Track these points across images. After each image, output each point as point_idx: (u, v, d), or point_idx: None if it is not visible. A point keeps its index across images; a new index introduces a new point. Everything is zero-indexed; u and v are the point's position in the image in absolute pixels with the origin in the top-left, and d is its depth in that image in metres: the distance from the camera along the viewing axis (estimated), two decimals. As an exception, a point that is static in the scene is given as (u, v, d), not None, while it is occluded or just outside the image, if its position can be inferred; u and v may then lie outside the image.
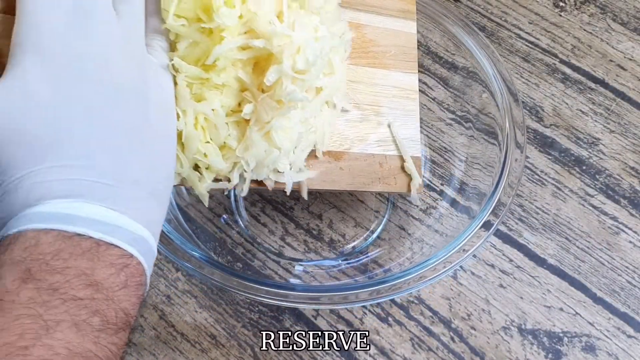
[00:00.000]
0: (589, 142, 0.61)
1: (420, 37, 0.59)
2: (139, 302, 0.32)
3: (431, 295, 0.54)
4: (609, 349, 0.51)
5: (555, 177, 0.60)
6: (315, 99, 0.45)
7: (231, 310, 0.53)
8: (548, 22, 0.69)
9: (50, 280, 0.29)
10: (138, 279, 0.32)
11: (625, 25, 0.69)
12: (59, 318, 0.28)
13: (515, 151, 0.50)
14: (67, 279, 0.29)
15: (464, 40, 0.55)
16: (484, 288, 0.54)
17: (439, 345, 0.52)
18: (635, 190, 0.59)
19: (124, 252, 0.31)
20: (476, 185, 0.54)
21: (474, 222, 0.47)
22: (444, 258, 0.46)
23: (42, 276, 0.29)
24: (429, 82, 0.61)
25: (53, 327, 0.28)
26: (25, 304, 0.28)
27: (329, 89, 0.45)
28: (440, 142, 0.59)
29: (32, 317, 0.28)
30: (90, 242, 0.30)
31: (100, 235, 0.31)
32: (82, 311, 0.29)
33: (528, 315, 0.53)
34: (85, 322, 0.29)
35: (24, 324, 0.28)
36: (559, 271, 0.55)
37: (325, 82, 0.45)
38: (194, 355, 0.51)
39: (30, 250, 0.29)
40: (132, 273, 0.32)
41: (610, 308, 0.53)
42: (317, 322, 0.53)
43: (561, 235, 0.57)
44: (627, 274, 0.55)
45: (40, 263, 0.29)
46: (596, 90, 0.64)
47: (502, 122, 0.52)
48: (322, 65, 0.42)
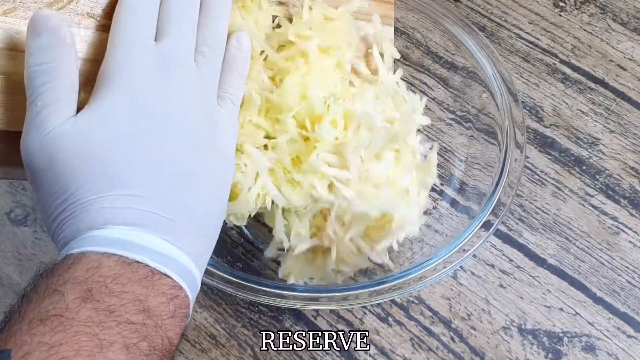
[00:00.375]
0: (589, 142, 0.61)
1: (420, 37, 0.59)
2: (181, 332, 0.34)
3: (431, 295, 0.54)
4: (609, 349, 0.51)
5: (555, 177, 0.60)
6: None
7: (231, 310, 0.53)
8: (548, 22, 0.69)
9: (108, 302, 0.31)
10: (184, 310, 0.34)
11: (625, 25, 0.69)
12: (112, 339, 0.30)
13: (515, 151, 0.50)
14: (123, 302, 0.31)
15: (464, 40, 0.55)
16: (484, 288, 0.54)
17: (439, 345, 0.52)
18: (635, 190, 0.59)
19: (174, 283, 0.34)
20: (476, 185, 0.54)
21: (474, 222, 0.47)
22: (444, 258, 0.46)
23: (101, 297, 0.31)
24: (429, 82, 0.61)
25: (107, 347, 0.30)
26: (84, 322, 0.30)
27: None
28: (440, 142, 0.59)
29: (88, 335, 0.30)
30: (146, 270, 0.33)
31: (155, 264, 0.33)
32: (133, 335, 0.31)
33: (528, 315, 0.53)
34: (135, 346, 0.31)
35: (81, 340, 0.29)
36: (559, 271, 0.55)
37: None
38: (194, 355, 0.51)
39: (92, 272, 0.31)
40: (180, 304, 0.34)
41: (610, 308, 0.53)
42: (317, 322, 0.53)
43: (561, 235, 0.57)
44: (627, 274, 0.55)
45: (100, 285, 0.31)
46: (596, 90, 0.64)
47: (502, 122, 0.52)
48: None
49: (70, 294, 0.30)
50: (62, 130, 0.34)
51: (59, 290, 0.31)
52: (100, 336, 0.30)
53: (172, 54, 0.37)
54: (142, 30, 0.37)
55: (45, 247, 0.57)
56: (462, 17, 0.56)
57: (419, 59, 0.60)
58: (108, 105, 0.34)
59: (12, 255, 0.57)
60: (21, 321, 0.30)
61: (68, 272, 0.31)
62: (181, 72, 0.37)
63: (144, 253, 0.33)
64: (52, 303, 0.30)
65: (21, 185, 0.60)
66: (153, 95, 0.35)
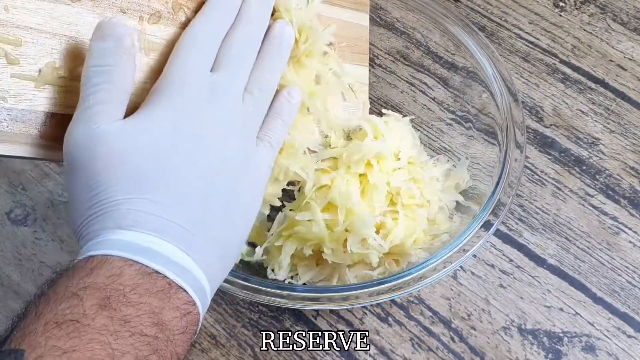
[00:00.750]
0: (589, 142, 0.61)
1: (420, 37, 0.59)
2: (188, 349, 0.35)
3: (431, 295, 0.54)
4: (609, 349, 0.51)
5: (555, 177, 0.60)
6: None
7: (231, 310, 0.53)
8: (548, 22, 0.69)
9: (124, 312, 0.31)
10: (194, 327, 0.35)
11: (625, 25, 0.69)
12: (124, 349, 0.30)
13: (515, 151, 0.50)
14: (139, 313, 0.32)
15: (464, 40, 0.55)
16: (484, 288, 0.54)
17: (439, 345, 0.52)
18: (635, 190, 0.59)
19: (189, 298, 0.34)
20: (476, 185, 0.54)
21: (474, 222, 0.47)
22: (444, 258, 0.46)
23: (118, 306, 0.31)
24: (429, 82, 0.61)
25: (118, 357, 0.30)
26: (98, 330, 0.30)
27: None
28: (440, 142, 0.59)
29: (101, 344, 0.30)
30: (164, 282, 0.33)
31: (174, 276, 0.34)
32: (145, 347, 0.31)
33: (528, 315, 0.53)
34: (146, 358, 0.31)
35: (94, 348, 0.30)
36: (559, 271, 0.55)
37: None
38: (194, 356, 0.51)
39: (112, 279, 0.32)
40: (192, 321, 0.34)
41: (610, 308, 0.53)
42: (317, 322, 0.53)
43: (561, 235, 0.57)
44: (627, 274, 0.55)
45: (119, 294, 0.32)
46: (596, 90, 0.64)
47: (502, 122, 0.52)
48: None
49: (88, 300, 0.31)
50: (108, 129, 0.35)
51: (78, 295, 0.31)
52: (113, 345, 0.30)
53: (223, 87, 0.39)
54: (202, 58, 0.39)
55: (45, 247, 0.57)
56: (462, 17, 0.56)
57: (419, 59, 0.60)
58: (154, 117, 0.36)
59: (12, 255, 0.57)
60: (37, 321, 0.30)
61: (90, 277, 0.32)
62: (228, 104, 0.39)
63: (162, 262, 0.34)
64: (70, 307, 0.31)
65: (21, 185, 0.60)
66: (197, 119, 0.37)
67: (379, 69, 0.60)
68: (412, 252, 0.49)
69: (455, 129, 0.58)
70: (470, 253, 0.46)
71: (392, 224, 0.48)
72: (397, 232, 0.48)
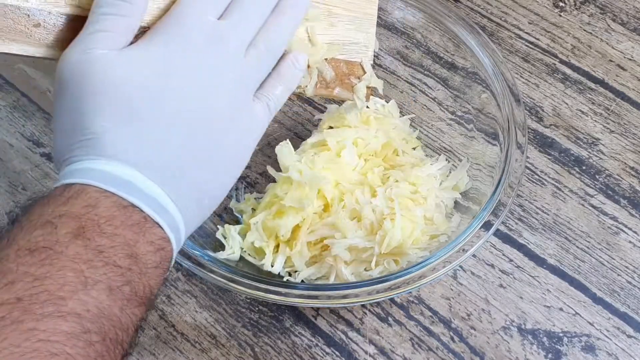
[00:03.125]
0: (588, 142, 0.61)
1: (420, 37, 0.59)
2: (161, 284, 0.35)
3: (431, 295, 0.54)
4: (609, 349, 0.51)
5: (555, 177, 0.60)
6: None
7: (231, 310, 0.53)
8: (548, 22, 0.69)
9: (98, 242, 0.31)
10: (167, 264, 0.35)
11: (625, 25, 0.69)
12: (97, 278, 0.31)
13: (516, 152, 0.50)
14: (113, 245, 0.32)
15: (465, 40, 0.55)
16: (484, 288, 0.54)
17: (439, 345, 0.52)
18: (635, 190, 0.59)
19: (163, 234, 0.34)
20: (476, 185, 0.54)
21: (474, 222, 0.47)
22: (443, 258, 0.46)
23: (92, 236, 0.31)
24: (429, 82, 0.61)
25: (91, 285, 0.30)
26: (71, 258, 0.30)
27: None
28: (440, 142, 0.59)
29: (74, 271, 0.30)
30: (140, 216, 0.33)
31: (149, 211, 0.34)
32: (118, 277, 0.32)
33: (528, 315, 0.53)
34: (118, 289, 0.31)
35: (67, 275, 0.30)
36: (559, 271, 0.55)
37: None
38: (194, 355, 0.51)
39: (88, 209, 0.32)
40: (165, 257, 0.35)
41: (610, 308, 0.53)
42: (317, 322, 0.53)
43: (561, 235, 0.57)
44: (627, 274, 0.55)
45: (94, 224, 0.32)
46: (596, 90, 0.64)
47: (503, 122, 0.52)
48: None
49: (63, 228, 0.31)
50: (105, 55, 0.35)
51: (52, 223, 0.31)
52: (86, 274, 0.30)
53: (226, 35, 0.38)
54: (210, 3, 0.38)
55: (45, 246, 0.57)
56: (463, 17, 0.56)
57: (419, 59, 0.60)
58: (151, 52, 0.36)
59: (12, 255, 0.57)
60: (9, 247, 0.30)
61: (65, 206, 0.32)
62: (227, 53, 0.38)
63: (139, 197, 0.34)
64: (44, 234, 0.31)
65: (21, 185, 0.60)
66: (191, 62, 0.37)
67: (379, 69, 0.60)
68: (410, 252, 0.49)
69: (455, 129, 0.58)
70: (470, 253, 0.46)
71: (389, 225, 0.48)
72: (394, 233, 0.48)
